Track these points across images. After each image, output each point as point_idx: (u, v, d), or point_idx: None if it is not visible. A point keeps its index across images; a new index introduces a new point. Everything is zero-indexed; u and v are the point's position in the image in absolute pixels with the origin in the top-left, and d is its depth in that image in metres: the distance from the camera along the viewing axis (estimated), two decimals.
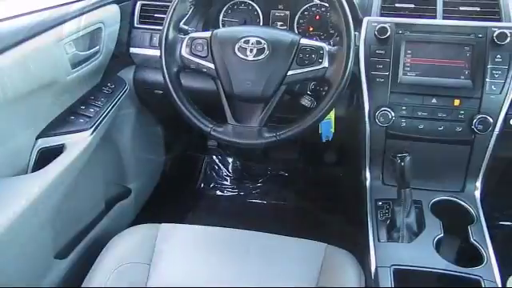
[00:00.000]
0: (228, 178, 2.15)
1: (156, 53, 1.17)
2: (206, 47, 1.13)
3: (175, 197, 2.00)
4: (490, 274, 1.06)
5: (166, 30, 1.14)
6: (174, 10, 1.14)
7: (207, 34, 1.14)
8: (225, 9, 1.45)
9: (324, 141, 1.37)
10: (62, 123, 1.25)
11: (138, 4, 1.45)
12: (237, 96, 1.12)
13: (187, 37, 1.15)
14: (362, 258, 1.16)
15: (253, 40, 1.10)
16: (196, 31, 1.25)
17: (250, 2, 1.44)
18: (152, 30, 1.43)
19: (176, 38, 1.15)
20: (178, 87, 1.15)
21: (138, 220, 1.64)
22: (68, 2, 1.24)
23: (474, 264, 1.09)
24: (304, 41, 1.11)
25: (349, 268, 1.09)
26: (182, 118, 1.16)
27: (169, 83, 1.14)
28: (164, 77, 1.15)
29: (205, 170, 2.17)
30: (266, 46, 1.09)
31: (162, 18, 1.17)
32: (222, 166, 2.16)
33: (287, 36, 1.12)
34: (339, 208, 1.89)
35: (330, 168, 2.06)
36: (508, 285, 1.03)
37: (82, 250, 1.32)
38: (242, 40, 1.10)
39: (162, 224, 1.21)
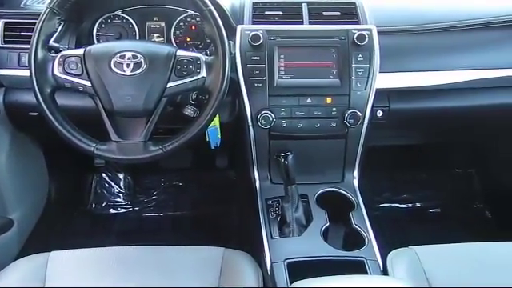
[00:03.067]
0: (120, 195, 2.08)
1: (27, 73, 1.11)
2: (80, 65, 1.09)
3: (65, 221, 1.89)
4: (372, 253, 1.17)
5: (34, 49, 1.09)
6: (41, 27, 1.10)
7: (80, 51, 1.11)
8: (98, 23, 1.41)
9: (213, 148, 1.40)
10: None
11: (1, 22, 1.36)
12: (117, 112, 1.10)
13: (59, 55, 1.11)
14: (258, 256, 1.20)
15: (129, 55, 1.09)
16: (69, 48, 1.20)
17: (124, 15, 1.42)
18: (20, 49, 1.34)
19: (46, 57, 1.10)
20: (53, 108, 1.11)
21: (24, 252, 1.53)
22: None
23: (358, 246, 1.19)
24: (180, 52, 1.12)
25: (247, 268, 1.12)
26: (62, 139, 1.11)
27: (43, 104, 1.09)
28: (37, 98, 1.09)
29: (95, 190, 2.08)
30: (142, 59, 1.09)
31: (30, 36, 1.11)
32: (112, 183, 2.09)
33: (163, 48, 1.13)
34: (235, 211, 1.94)
35: (223, 173, 2.10)
36: (388, 261, 1.13)
37: None
38: (118, 55, 1.09)
39: (52, 252, 1.15)
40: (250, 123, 1.32)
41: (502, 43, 1.44)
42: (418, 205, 2.05)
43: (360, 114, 1.29)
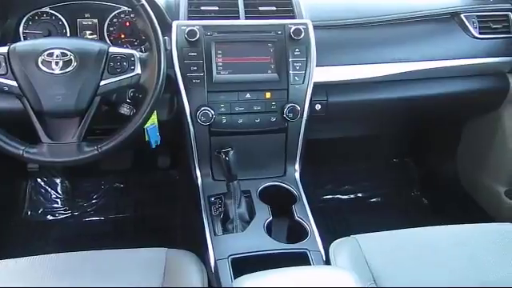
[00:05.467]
0: (58, 200, 2.00)
1: None
2: (4, 64, 1.03)
3: None
4: (315, 244, 1.19)
5: None
6: None
7: (3, 49, 1.05)
8: (24, 20, 1.34)
9: (154, 146, 1.36)
10: None
11: None
12: (47, 113, 1.05)
13: None
14: (202, 254, 1.19)
15: (57, 52, 1.04)
16: None
17: (53, 11, 1.35)
18: None
19: None
20: None
21: None
22: None
23: (301, 239, 1.21)
24: (113, 49, 1.09)
25: (190, 267, 1.10)
26: None
27: None
28: None
29: (30, 196, 1.98)
30: (72, 57, 1.04)
31: None
32: (49, 189, 2.00)
33: (94, 45, 1.09)
34: (178, 210, 1.91)
35: (165, 172, 2.06)
36: (330, 251, 1.15)
37: None
38: (45, 53, 1.04)
39: None
40: (189, 120, 1.30)
41: (433, 36, 1.51)
42: (360, 195, 2.11)
43: (299, 108, 1.31)
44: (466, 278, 1.08)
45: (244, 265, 1.10)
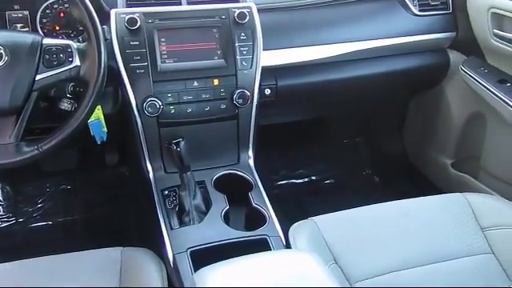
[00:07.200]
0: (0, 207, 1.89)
1: None
2: None
3: None
4: (274, 230, 1.18)
5: None
6: None
7: None
8: None
9: (99, 143, 1.31)
10: None
11: None
12: None
13: None
14: (160, 250, 1.15)
15: None
16: None
17: None
18: None
19: None
20: None
21: None
22: None
23: (260, 225, 1.19)
24: (48, 40, 1.03)
25: (148, 264, 1.07)
26: None
27: None
28: None
29: None
30: (2, 51, 0.98)
31: None
32: None
33: (27, 37, 1.02)
34: (132, 208, 1.85)
35: (114, 169, 1.99)
36: (290, 234, 1.14)
37: None
38: None
39: None
40: (135, 112, 1.25)
41: (375, 15, 1.54)
42: (314, 178, 2.13)
43: (248, 94, 1.29)
44: (424, 249, 1.11)
45: (204, 257, 1.07)
